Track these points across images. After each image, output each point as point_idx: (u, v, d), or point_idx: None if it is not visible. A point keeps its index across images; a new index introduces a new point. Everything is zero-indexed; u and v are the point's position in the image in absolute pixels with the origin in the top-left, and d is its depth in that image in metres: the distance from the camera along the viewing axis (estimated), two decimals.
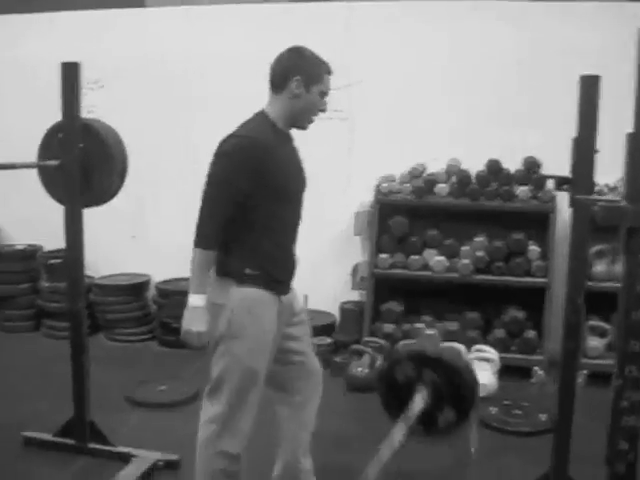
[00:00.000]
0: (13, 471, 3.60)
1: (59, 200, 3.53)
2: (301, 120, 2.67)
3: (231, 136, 2.54)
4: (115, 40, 5.72)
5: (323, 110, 2.68)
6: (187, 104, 5.68)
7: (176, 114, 5.70)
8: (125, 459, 3.56)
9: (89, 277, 5.90)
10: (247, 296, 2.60)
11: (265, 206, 2.58)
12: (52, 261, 5.85)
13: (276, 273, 2.68)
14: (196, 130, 5.62)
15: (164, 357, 5.37)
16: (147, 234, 5.82)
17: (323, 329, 5.31)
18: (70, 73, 3.38)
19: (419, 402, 2.91)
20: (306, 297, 5.42)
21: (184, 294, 5.44)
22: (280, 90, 2.61)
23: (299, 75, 2.57)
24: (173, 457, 3.59)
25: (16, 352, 5.54)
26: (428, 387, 2.94)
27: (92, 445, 3.67)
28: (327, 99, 2.68)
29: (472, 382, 2.96)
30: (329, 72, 2.66)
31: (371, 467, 2.70)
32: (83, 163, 3.39)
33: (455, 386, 2.93)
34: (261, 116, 2.64)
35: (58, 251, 5.93)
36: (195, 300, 2.59)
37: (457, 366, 2.96)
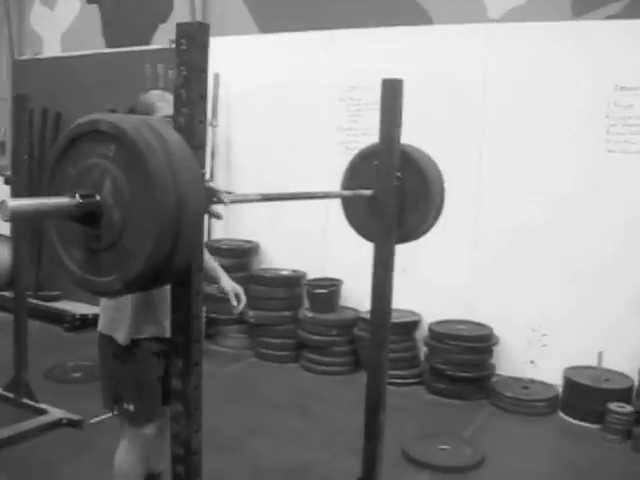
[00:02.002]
0: None
1: (365, 234, 3.12)
2: None
3: None
4: (399, 58, 5.31)
5: None
6: (479, 129, 5.18)
7: (467, 139, 5.21)
8: None
9: (354, 310, 5.57)
10: None
11: None
12: (317, 291, 5.55)
13: None
14: (490, 158, 5.13)
15: (436, 407, 4.84)
16: (419, 268, 5.35)
17: (621, 394, 4.53)
18: (390, 91, 2.94)
19: None
20: (600, 354, 4.73)
21: (459, 339, 5.16)
22: None
23: None
24: None
25: (275, 384, 5.28)
26: None
27: None
28: None
29: None
30: None
31: None
32: (399, 195, 2.94)
33: None
34: None
35: (321, 280, 5.67)
36: None
37: None
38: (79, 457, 3.85)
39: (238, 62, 6.15)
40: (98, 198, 1.66)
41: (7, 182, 6.82)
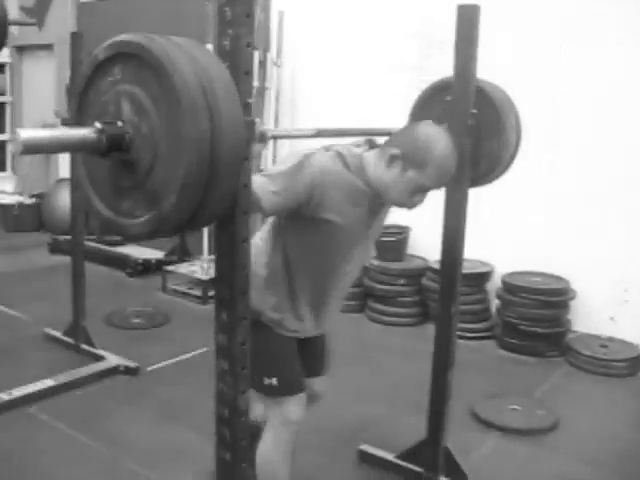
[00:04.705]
0: None
1: None
2: None
3: None
4: None
5: None
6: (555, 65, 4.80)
7: (543, 76, 4.84)
8: None
9: (422, 259, 5.33)
10: None
11: None
12: (385, 238, 5.30)
13: None
14: (569, 96, 4.78)
15: (506, 364, 4.58)
16: (490, 216, 5.04)
17: None
18: (466, 19, 2.64)
19: None
20: None
21: (533, 292, 4.85)
22: None
23: None
24: None
25: (339, 334, 5.03)
26: None
27: (444, 478, 3.01)
28: None
29: None
30: None
31: None
32: (474, 134, 2.67)
33: None
34: None
35: (389, 227, 5.41)
36: None
37: None
38: (134, 404, 3.76)
39: None
40: (120, 124, 1.47)
41: (64, 123, 6.71)
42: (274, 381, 2.37)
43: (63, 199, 6.86)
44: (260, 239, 2.39)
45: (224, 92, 1.45)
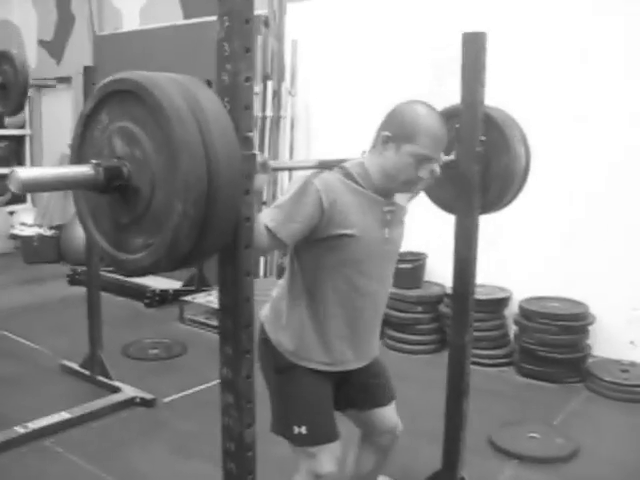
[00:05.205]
0: None
1: (444, 205, 2.86)
2: None
3: None
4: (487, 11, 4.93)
5: None
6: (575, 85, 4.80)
7: (563, 96, 4.84)
8: None
9: (440, 285, 5.30)
10: None
11: None
12: (401, 265, 5.27)
13: None
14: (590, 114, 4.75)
15: (526, 390, 4.52)
16: (507, 241, 5.01)
17: None
18: (473, 46, 2.66)
19: None
20: None
21: (552, 317, 4.81)
22: None
23: None
24: None
25: None
26: None
27: None
28: None
29: None
30: None
31: None
32: (482, 161, 2.67)
33: None
34: None
35: (405, 254, 5.39)
36: None
37: None
38: (150, 437, 3.76)
39: (316, 28, 5.91)
40: (116, 161, 1.50)
41: None
42: (303, 430, 2.25)
43: (81, 231, 6.90)
44: (283, 280, 2.37)
45: (215, 119, 1.46)
